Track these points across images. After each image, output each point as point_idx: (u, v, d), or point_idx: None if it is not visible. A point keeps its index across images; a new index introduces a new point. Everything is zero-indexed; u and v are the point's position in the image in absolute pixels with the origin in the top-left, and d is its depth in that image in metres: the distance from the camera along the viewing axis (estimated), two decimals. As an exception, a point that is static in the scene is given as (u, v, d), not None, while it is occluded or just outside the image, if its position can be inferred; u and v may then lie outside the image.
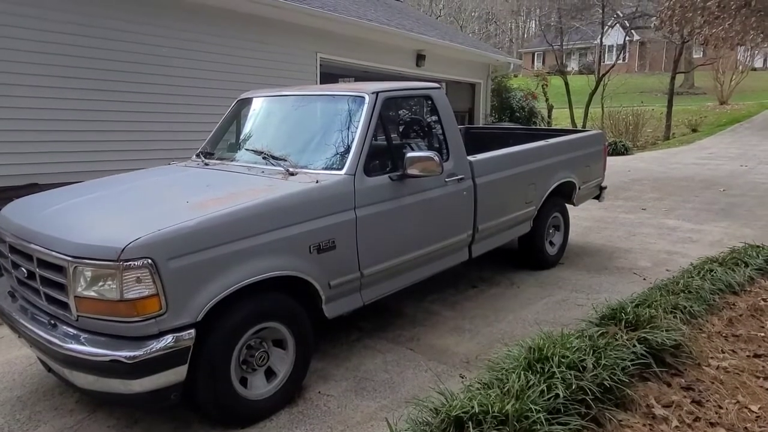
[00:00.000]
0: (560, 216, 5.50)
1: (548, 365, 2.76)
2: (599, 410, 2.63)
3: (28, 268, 2.72)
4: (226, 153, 4.03)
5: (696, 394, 2.97)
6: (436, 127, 4.00)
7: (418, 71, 11.03)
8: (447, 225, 3.94)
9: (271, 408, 2.91)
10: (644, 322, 3.36)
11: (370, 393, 3.14)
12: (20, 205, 3.22)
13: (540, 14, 37.73)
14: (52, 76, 5.73)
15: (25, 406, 3.06)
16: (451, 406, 2.44)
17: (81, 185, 3.58)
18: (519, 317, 4.19)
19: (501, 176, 4.43)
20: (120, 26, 6.23)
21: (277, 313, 2.89)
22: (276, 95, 4.11)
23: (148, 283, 2.36)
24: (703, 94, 31.40)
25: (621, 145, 16.29)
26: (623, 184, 10.54)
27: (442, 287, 4.79)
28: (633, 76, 34.22)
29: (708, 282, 4.27)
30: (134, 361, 2.35)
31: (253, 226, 2.74)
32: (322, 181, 3.12)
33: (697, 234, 6.67)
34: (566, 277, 5.10)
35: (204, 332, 2.56)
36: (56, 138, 5.82)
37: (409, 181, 3.50)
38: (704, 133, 20.87)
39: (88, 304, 2.43)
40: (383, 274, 3.49)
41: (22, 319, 2.76)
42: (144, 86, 6.49)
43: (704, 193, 9.42)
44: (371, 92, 3.53)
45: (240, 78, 7.30)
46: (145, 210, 2.92)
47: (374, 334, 3.90)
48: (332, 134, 3.52)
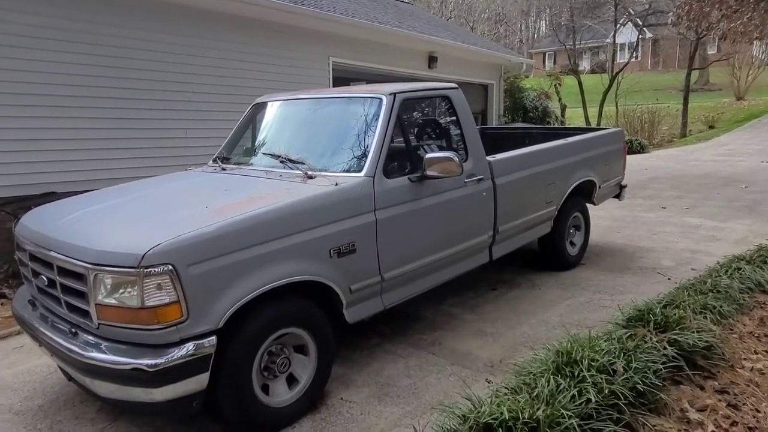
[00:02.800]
0: (581, 216, 5.40)
1: (578, 369, 2.68)
2: (632, 415, 2.54)
3: (48, 276, 2.70)
4: (243, 157, 4.00)
5: (731, 397, 2.87)
6: (455, 128, 3.94)
7: (430, 73, 10.98)
8: (467, 226, 3.88)
9: (293, 415, 2.86)
10: (673, 323, 3.27)
11: (393, 399, 3.08)
12: (39, 214, 3.21)
13: (551, 13, 37.50)
14: (69, 85, 5.76)
15: (47, 416, 3.04)
16: (480, 412, 2.37)
17: (99, 192, 3.58)
18: (542, 320, 4.10)
19: (521, 176, 4.35)
20: (135, 35, 6.25)
21: (298, 318, 2.84)
22: (292, 98, 4.08)
23: (168, 290, 2.32)
24: (719, 90, 30.97)
25: (636, 143, 16.08)
26: (641, 182, 10.38)
27: (461, 290, 4.72)
28: (647, 73, 33.90)
29: (737, 281, 4.16)
30: (156, 369, 2.32)
31: (273, 231, 2.69)
32: (342, 183, 3.07)
33: (721, 232, 6.52)
34: (588, 278, 5.00)
35: (225, 339, 2.52)
36: (72, 147, 5.85)
37: (428, 182, 3.44)
38: (722, 130, 20.55)
39: (108, 312, 2.41)
40: (404, 278, 3.43)
41: (42, 328, 2.74)
42: (158, 93, 6.51)
43: (725, 190, 9.24)
44: (389, 93, 3.48)
45: (253, 83, 7.29)
46: (164, 216, 2.89)
47: (394, 339, 3.84)
48: (350, 136, 3.47)
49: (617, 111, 20.16)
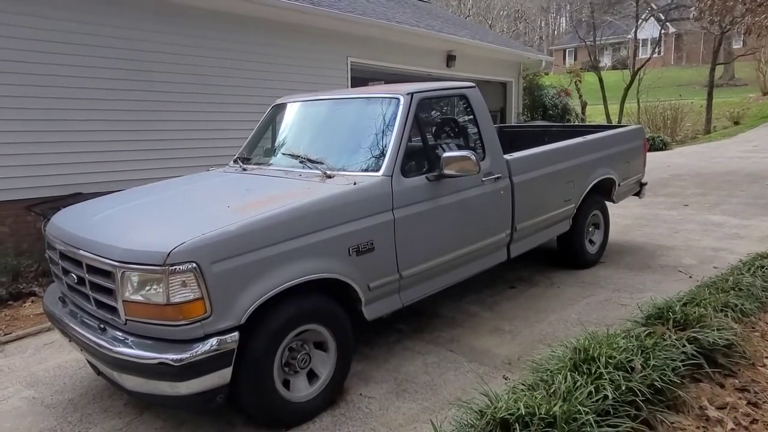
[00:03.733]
0: (600, 214, 5.37)
1: (595, 366, 2.69)
2: (650, 412, 2.55)
3: (78, 273, 2.80)
4: (263, 158, 4.08)
5: (752, 395, 2.85)
6: (472, 127, 3.96)
7: (448, 72, 10.98)
8: (485, 225, 3.90)
9: (313, 410, 2.92)
10: (693, 321, 3.25)
11: (411, 395, 3.12)
12: (69, 214, 3.33)
13: (571, 10, 37.10)
14: (96, 89, 5.92)
15: (77, 409, 3.15)
16: (497, 408, 2.40)
17: (124, 193, 3.68)
18: (560, 318, 4.10)
19: (539, 174, 4.35)
20: (160, 38, 6.39)
21: (318, 315, 2.90)
22: (311, 99, 4.14)
23: (193, 287, 2.40)
24: (744, 85, 30.33)
25: (659, 140, 15.85)
26: (663, 180, 10.24)
27: (479, 288, 4.73)
28: (669, 69, 33.29)
29: (759, 279, 4.11)
30: (181, 364, 2.39)
31: (293, 229, 2.76)
32: (360, 182, 3.12)
33: (745, 229, 6.42)
34: (608, 276, 4.98)
35: (247, 335, 2.59)
36: (99, 149, 6.00)
37: (446, 181, 3.48)
38: (747, 126, 20.15)
39: (135, 308, 2.49)
40: (422, 276, 3.47)
41: (72, 324, 2.83)
42: (180, 95, 6.64)
43: (750, 187, 9.07)
44: (406, 93, 3.51)
45: (272, 84, 7.39)
46: (187, 215, 2.97)
47: (413, 336, 3.88)
48: (368, 136, 3.51)
49: (639, 108, 19.89)
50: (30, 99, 5.47)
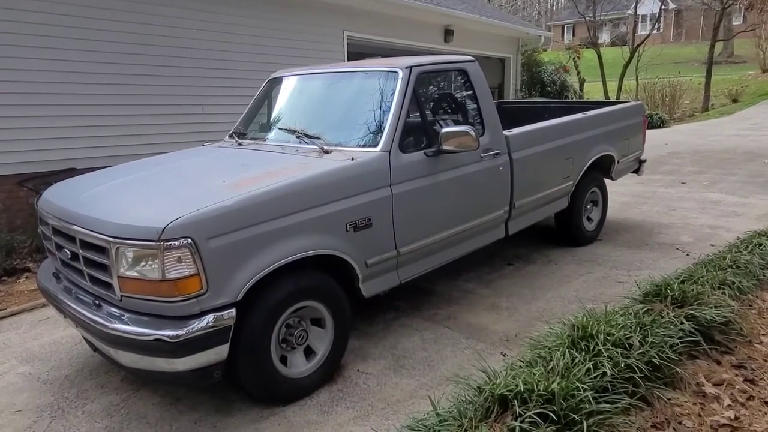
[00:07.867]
0: (598, 191, 5.35)
1: (593, 343, 2.69)
2: (647, 389, 2.56)
3: (72, 249, 2.76)
4: (259, 133, 4.01)
5: (748, 372, 2.86)
6: (471, 102, 3.90)
7: (446, 47, 10.83)
8: (483, 201, 3.86)
9: (311, 386, 2.92)
10: (691, 298, 3.25)
11: (408, 371, 3.12)
12: (61, 189, 3.27)
13: (570, -16, 36.48)
14: (88, 62, 5.80)
15: (73, 385, 3.14)
16: (495, 384, 2.39)
17: (118, 168, 3.62)
18: (558, 295, 4.10)
19: (538, 151, 4.31)
20: (151, 10, 6.25)
21: (315, 291, 2.88)
22: (307, 73, 4.06)
23: (188, 263, 2.36)
24: (743, 62, 30.12)
25: (657, 117, 15.76)
26: (661, 157, 10.21)
27: (477, 265, 4.72)
28: (669, 46, 33.03)
29: (757, 256, 4.10)
30: (177, 340, 2.37)
31: (290, 205, 2.71)
32: (358, 158, 3.07)
33: (742, 207, 6.41)
34: (605, 254, 4.97)
35: (244, 311, 2.57)
36: (92, 123, 5.90)
37: (444, 157, 3.43)
38: (745, 104, 20.05)
39: (131, 284, 2.46)
40: (420, 252, 3.44)
41: (67, 300, 2.80)
42: (176, 69, 6.53)
43: (747, 166, 9.05)
44: (405, 67, 3.44)
45: (268, 59, 7.27)
46: (182, 191, 2.92)
47: (410, 313, 3.88)
48: (366, 111, 3.45)
49: (637, 85, 19.73)
50: (21, 72, 5.36)
